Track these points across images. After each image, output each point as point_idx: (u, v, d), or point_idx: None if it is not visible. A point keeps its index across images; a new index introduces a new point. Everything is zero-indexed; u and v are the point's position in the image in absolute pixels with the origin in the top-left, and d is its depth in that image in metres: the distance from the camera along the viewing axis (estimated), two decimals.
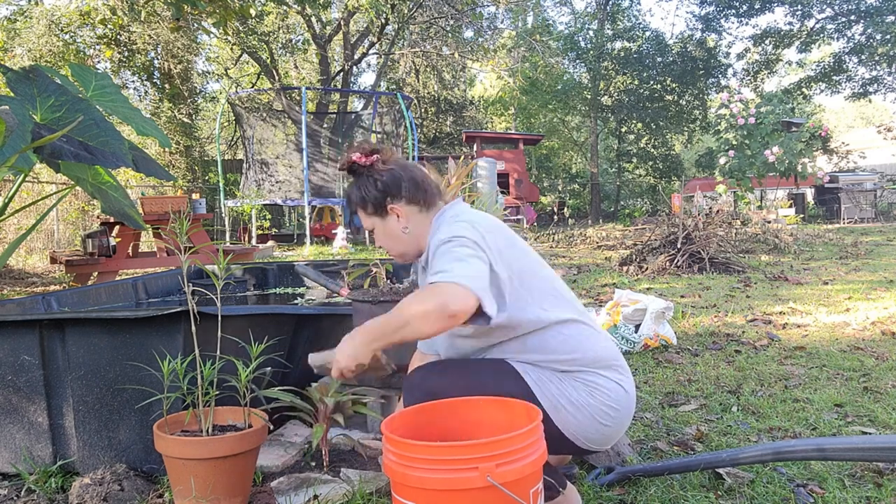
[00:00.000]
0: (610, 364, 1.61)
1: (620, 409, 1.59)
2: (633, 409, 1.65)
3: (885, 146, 22.97)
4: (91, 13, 13.34)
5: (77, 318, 1.93)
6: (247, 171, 13.88)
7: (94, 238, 6.12)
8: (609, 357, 1.62)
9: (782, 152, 11.60)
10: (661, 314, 3.57)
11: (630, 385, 1.63)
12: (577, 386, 1.57)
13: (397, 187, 1.67)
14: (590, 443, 1.61)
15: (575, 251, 10.02)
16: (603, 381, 1.58)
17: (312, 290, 3.79)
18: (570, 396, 1.56)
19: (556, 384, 1.57)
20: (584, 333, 1.61)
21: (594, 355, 1.60)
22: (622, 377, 1.62)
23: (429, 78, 24.72)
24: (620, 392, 1.59)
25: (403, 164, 1.71)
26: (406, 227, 1.69)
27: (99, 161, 2.33)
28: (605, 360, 1.61)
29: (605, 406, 1.57)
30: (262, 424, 1.77)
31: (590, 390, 1.57)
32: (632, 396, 1.62)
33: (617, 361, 1.63)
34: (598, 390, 1.57)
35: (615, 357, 1.64)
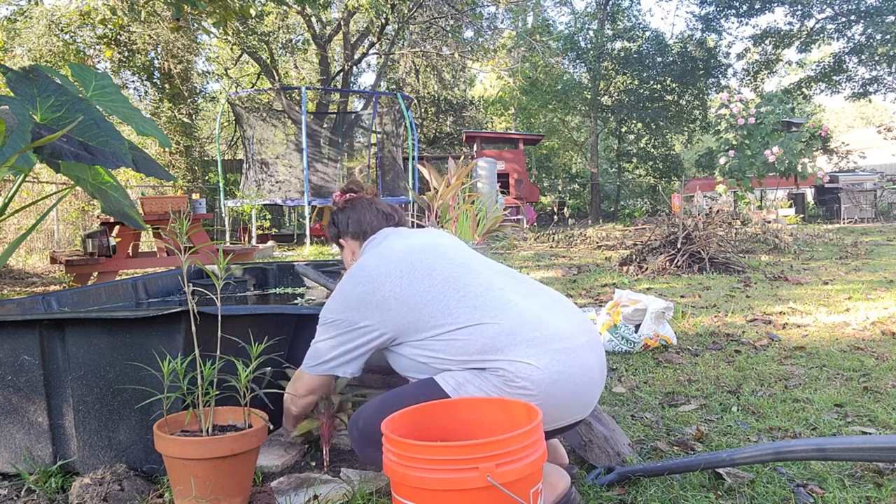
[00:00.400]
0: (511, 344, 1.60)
1: (538, 384, 1.57)
2: (568, 380, 1.61)
3: (885, 146, 22.97)
4: (91, 13, 13.34)
5: (77, 318, 1.93)
6: (247, 171, 13.88)
7: (94, 238, 6.12)
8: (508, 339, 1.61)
9: (782, 152, 11.60)
10: (661, 314, 3.57)
11: (544, 358, 1.59)
12: (493, 379, 1.60)
13: (344, 224, 2.02)
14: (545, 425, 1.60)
15: (575, 251, 10.03)
16: (509, 367, 1.59)
17: (312, 290, 3.79)
18: (488, 392, 1.60)
19: (474, 384, 1.62)
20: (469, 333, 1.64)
21: (489, 346, 1.61)
22: (532, 352, 1.59)
23: (429, 78, 24.72)
24: (529, 370, 1.57)
25: (360, 202, 2.03)
26: (353, 259, 2.01)
27: (99, 161, 2.33)
28: (503, 344, 1.60)
29: (519, 389, 1.57)
30: (262, 424, 1.78)
31: (503, 380, 1.59)
32: (549, 369, 1.58)
33: (520, 336, 1.61)
34: (509, 378, 1.59)
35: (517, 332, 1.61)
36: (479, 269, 1.80)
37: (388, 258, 1.80)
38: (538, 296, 1.78)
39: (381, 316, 1.72)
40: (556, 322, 1.68)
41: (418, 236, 1.91)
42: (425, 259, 1.78)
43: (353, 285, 1.77)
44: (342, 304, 1.77)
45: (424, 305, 1.70)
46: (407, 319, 1.70)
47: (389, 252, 1.83)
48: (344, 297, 1.78)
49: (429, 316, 1.69)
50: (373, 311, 1.73)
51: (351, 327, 1.75)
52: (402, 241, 1.88)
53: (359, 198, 2.06)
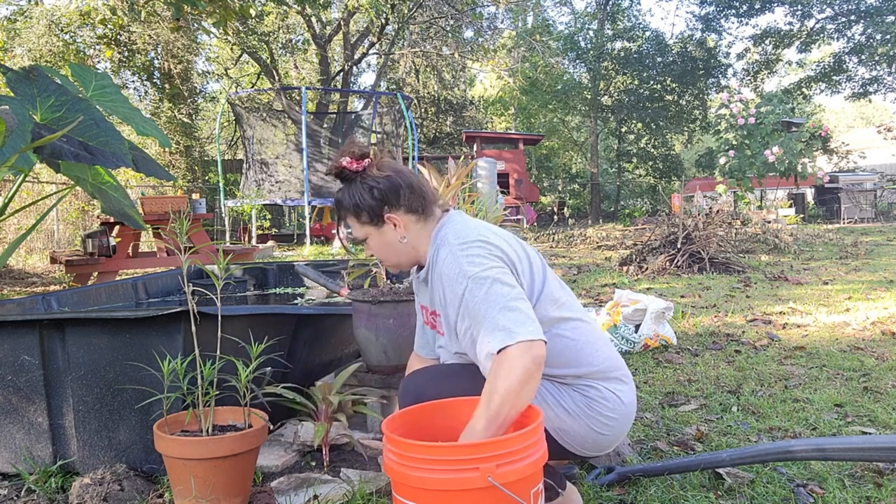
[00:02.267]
0: (609, 375, 1.60)
1: (618, 418, 1.59)
2: (633, 418, 1.65)
3: (885, 146, 22.97)
4: (91, 13, 13.33)
5: (77, 318, 1.93)
6: (247, 171, 13.88)
7: (94, 238, 6.12)
8: (608, 368, 1.61)
9: (782, 152, 11.59)
10: (661, 314, 3.57)
11: (629, 395, 1.62)
12: (574, 396, 1.57)
13: (395, 195, 1.57)
14: (585, 450, 1.61)
15: (575, 251, 10.02)
16: (600, 392, 1.57)
17: (312, 290, 3.78)
18: (565, 405, 1.56)
19: (552, 393, 1.57)
20: (585, 341, 1.58)
21: (593, 367, 1.58)
22: (621, 387, 1.61)
23: (429, 78, 24.72)
24: (617, 402, 1.58)
25: (399, 168, 1.62)
26: (404, 237, 1.60)
27: (99, 161, 2.33)
28: (604, 371, 1.60)
29: (602, 416, 1.57)
30: (262, 424, 1.77)
31: (587, 401, 1.56)
32: (630, 406, 1.62)
33: (617, 371, 1.62)
34: (595, 401, 1.56)
35: (616, 367, 1.62)
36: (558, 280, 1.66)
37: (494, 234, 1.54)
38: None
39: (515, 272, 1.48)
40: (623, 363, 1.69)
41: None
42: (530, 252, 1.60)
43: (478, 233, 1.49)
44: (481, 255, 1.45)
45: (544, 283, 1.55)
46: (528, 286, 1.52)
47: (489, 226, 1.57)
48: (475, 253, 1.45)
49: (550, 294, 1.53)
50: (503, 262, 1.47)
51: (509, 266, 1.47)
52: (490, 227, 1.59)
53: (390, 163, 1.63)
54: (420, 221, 1.60)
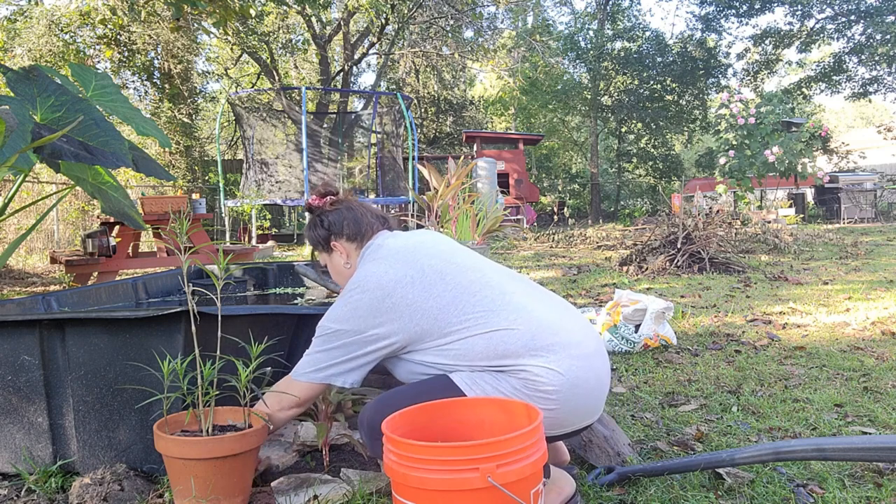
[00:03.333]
0: (532, 349, 1.60)
1: (559, 389, 1.58)
2: (584, 386, 1.62)
3: (885, 146, 22.98)
4: (91, 13, 13.33)
5: (77, 318, 1.93)
6: (247, 171, 13.88)
7: (94, 238, 6.12)
8: (528, 344, 1.61)
9: (782, 152, 11.59)
10: (661, 314, 3.57)
11: (564, 364, 1.60)
12: (511, 380, 1.60)
13: (338, 225, 1.88)
14: (547, 429, 1.61)
15: (575, 251, 10.02)
16: (530, 371, 1.59)
17: (312, 290, 3.78)
18: (505, 392, 1.59)
19: (490, 384, 1.61)
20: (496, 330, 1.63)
21: (510, 350, 1.61)
22: (551, 357, 1.60)
23: (429, 78, 24.72)
24: (553, 375, 1.58)
25: (349, 203, 1.91)
26: (347, 263, 1.89)
27: (99, 161, 2.33)
28: (524, 348, 1.61)
29: (541, 393, 1.58)
30: (262, 424, 1.77)
31: (522, 383, 1.59)
32: (570, 375, 1.59)
33: (540, 341, 1.61)
34: (529, 381, 1.59)
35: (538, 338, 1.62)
36: (489, 273, 1.76)
37: (396, 263, 1.73)
38: (546, 301, 1.77)
39: (392, 324, 1.66)
40: (570, 328, 1.69)
41: (418, 238, 1.85)
42: (435, 263, 1.73)
43: (361, 293, 1.69)
44: (349, 312, 1.68)
45: (440, 311, 1.66)
46: (421, 326, 1.66)
47: (396, 256, 1.75)
48: (351, 306, 1.69)
49: (444, 322, 1.65)
50: (384, 320, 1.66)
51: (357, 336, 1.67)
52: (404, 244, 1.80)
53: (347, 199, 1.94)
54: (358, 248, 1.89)
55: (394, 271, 1.70)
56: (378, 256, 1.78)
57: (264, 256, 9.30)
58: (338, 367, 1.69)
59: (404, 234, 1.91)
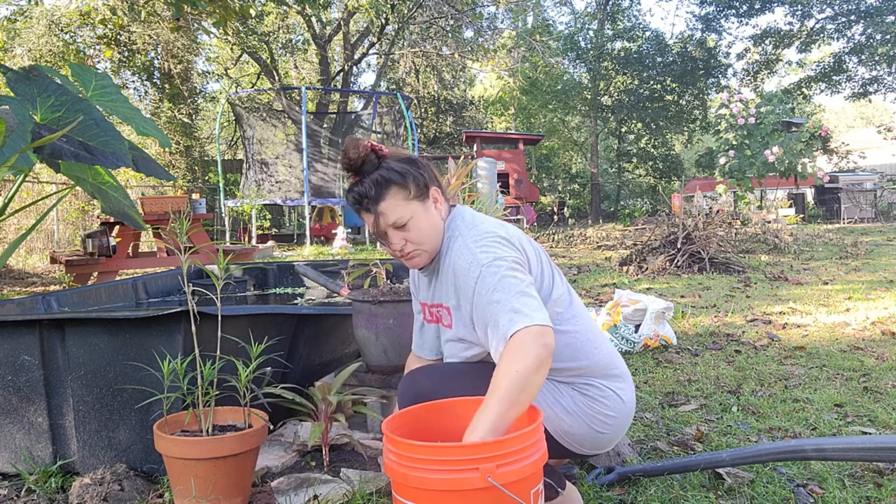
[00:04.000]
0: (608, 373, 1.61)
1: (617, 416, 1.59)
2: (632, 416, 1.65)
3: (885, 146, 22.98)
4: (91, 13, 13.33)
5: (77, 318, 1.93)
6: (247, 171, 13.88)
7: (94, 238, 6.12)
8: (607, 366, 1.61)
9: (782, 152, 11.59)
10: (661, 314, 3.57)
11: (628, 393, 1.62)
12: (573, 394, 1.57)
13: (430, 171, 1.56)
14: (584, 448, 1.61)
15: (575, 251, 10.02)
16: (599, 391, 1.58)
17: (312, 290, 3.79)
18: (564, 404, 1.57)
19: (551, 392, 1.57)
20: (586, 338, 1.59)
21: (592, 364, 1.59)
22: (620, 385, 1.61)
23: (429, 78, 24.72)
24: (616, 401, 1.59)
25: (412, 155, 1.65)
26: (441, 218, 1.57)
27: (99, 161, 2.33)
28: (603, 369, 1.60)
29: (601, 415, 1.57)
30: (262, 424, 1.77)
31: (587, 399, 1.57)
32: (629, 404, 1.62)
33: (616, 369, 1.62)
34: (594, 400, 1.57)
35: (614, 365, 1.63)
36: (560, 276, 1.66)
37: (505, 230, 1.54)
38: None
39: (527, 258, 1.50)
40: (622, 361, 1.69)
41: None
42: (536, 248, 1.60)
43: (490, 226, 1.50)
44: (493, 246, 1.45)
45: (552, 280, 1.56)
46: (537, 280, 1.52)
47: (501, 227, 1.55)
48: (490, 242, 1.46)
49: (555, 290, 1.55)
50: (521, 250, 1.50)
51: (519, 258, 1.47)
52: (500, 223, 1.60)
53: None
54: (445, 204, 1.58)
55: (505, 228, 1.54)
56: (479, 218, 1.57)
57: (264, 256, 9.30)
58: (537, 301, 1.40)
59: None
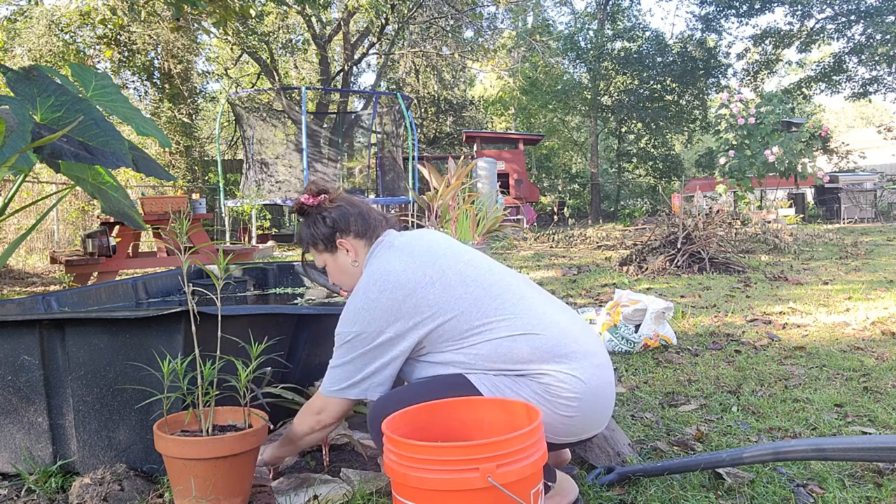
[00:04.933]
0: (556, 356, 1.60)
1: (580, 395, 1.58)
2: (603, 393, 1.63)
3: (885, 146, 22.98)
4: (91, 13, 13.33)
5: (77, 318, 1.93)
6: (247, 171, 13.89)
7: (94, 238, 6.12)
8: (552, 348, 1.60)
9: (782, 152, 11.59)
10: (661, 314, 3.57)
11: (586, 371, 1.60)
12: (531, 385, 1.58)
13: (345, 222, 1.79)
14: (562, 436, 1.61)
15: (575, 251, 10.02)
16: (554, 376, 1.58)
17: (312, 290, 3.79)
18: (525, 396, 1.58)
19: (509, 387, 1.59)
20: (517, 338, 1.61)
21: (535, 354, 1.59)
22: (573, 365, 1.60)
23: (429, 78, 24.73)
24: (573, 381, 1.58)
25: (350, 199, 1.84)
26: (355, 261, 1.81)
27: (99, 161, 2.33)
28: (549, 353, 1.60)
29: (561, 399, 1.57)
30: (262, 424, 1.77)
31: (544, 387, 1.58)
32: (590, 381, 1.60)
33: (564, 348, 1.61)
34: (551, 386, 1.58)
35: (561, 345, 1.61)
36: (506, 277, 1.73)
37: (414, 262, 1.66)
38: (560, 308, 1.75)
39: (412, 324, 1.61)
40: (586, 338, 1.68)
41: (431, 237, 1.80)
42: (453, 264, 1.68)
43: (380, 291, 1.62)
44: (367, 312, 1.61)
45: (461, 313, 1.62)
46: (443, 328, 1.62)
47: (412, 255, 1.69)
48: (369, 305, 1.62)
49: (466, 325, 1.61)
50: (404, 320, 1.61)
51: (379, 340, 1.62)
52: (420, 243, 1.74)
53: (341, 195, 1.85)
54: (367, 245, 1.81)
55: (412, 270, 1.64)
56: (393, 255, 1.71)
57: (264, 256, 9.30)
58: (369, 379, 1.64)
59: (412, 233, 1.85)
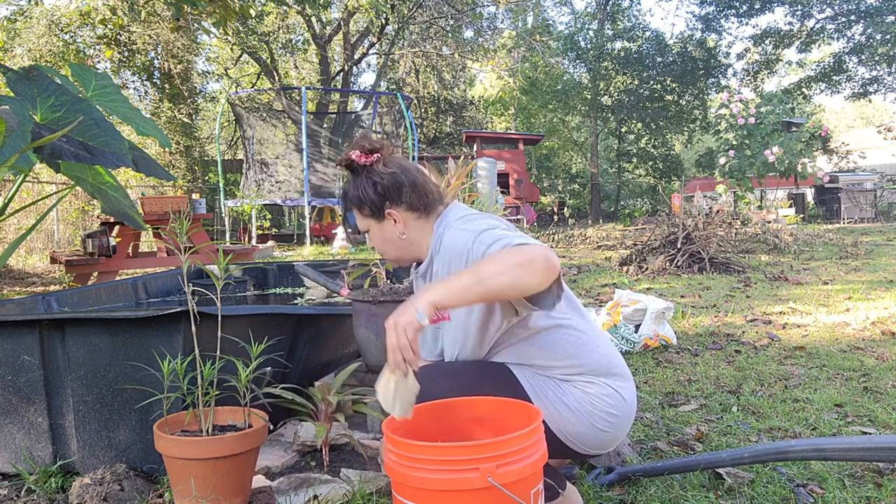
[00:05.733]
0: (609, 371, 1.61)
1: (619, 415, 1.59)
2: (633, 415, 1.65)
3: (885, 146, 22.98)
4: (91, 13, 13.33)
5: (77, 318, 1.93)
6: (247, 171, 13.89)
7: (94, 238, 6.12)
8: (608, 364, 1.61)
9: (782, 152, 11.59)
10: (661, 314, 3.57)
11: (629, 392, 1.62)
12: (576, 393, 1.57)
13: (398, 192, 1.60)
14: (587, 447, 1.61)
15: (575, 251, 10.02)
16: (601, 389, 1.58)
17: (312, 290, 3.79)
18: (567, 403, 1.57)
19: (553, 390, 1.57)
20: (587, 336, 1.60)
21: (592, 362, 1.59)
22: (622, 384, 1.61)
23: (429, 78, 24.72)
24: (619, 399, 1.59)
25: (405, 166, 1.64)
26: (403, 234, 1.64)
27: (99, 161, 2.33)
28: (604, 367, 1.60)
29: (603, 413, 1.57)
30: (262, 424, 1.77)
31: (588, 397, 1.57)
32: (630, 404, 1.62)
33: (617, 369, 1.63)
34: (597, 397, 1.57)
35: (615, 364, 1.63)
36: None
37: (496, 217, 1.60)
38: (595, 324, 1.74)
39: None
40: (622, 360, 1.69)
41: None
42: None
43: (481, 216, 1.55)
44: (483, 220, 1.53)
45: None
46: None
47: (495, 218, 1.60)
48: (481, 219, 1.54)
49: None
50: None
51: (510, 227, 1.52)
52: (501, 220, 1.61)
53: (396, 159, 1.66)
54: (421, 219, 1.64)
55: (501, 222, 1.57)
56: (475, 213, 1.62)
57: (264, 256, 9.30)
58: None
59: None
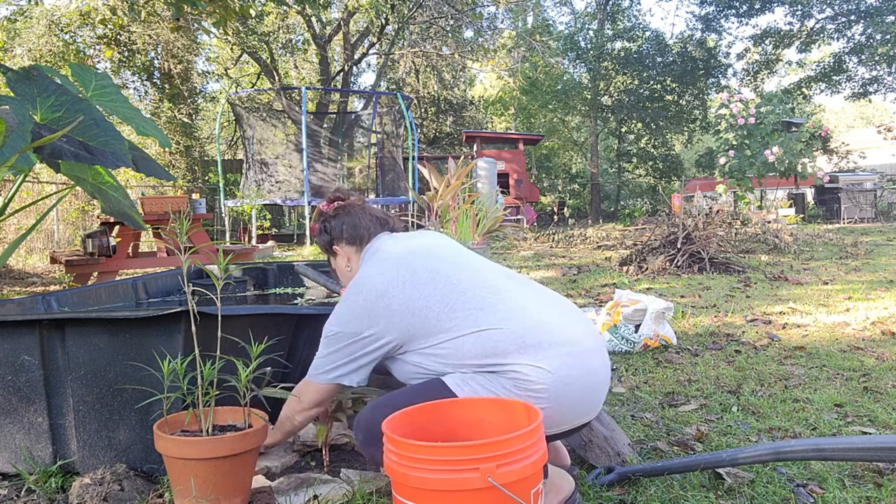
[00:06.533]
0: (522, 347, 1.61)
1: (548, 386, 1.58)
2: (577, 384, 1.62)
3: (885, 146, 22.98)
4: (91, 13, 13.33)
5: (77, 318, 1.93)
6: (247, 171, 13.88)
7: (94, 238, 6.12)
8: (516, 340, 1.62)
9: (782, 152, 11.59)
10: (661, 314, 3.57)
11: (555, 362, 1.60)
12: (503, 381, 1.61)
13: (339, 230, 1.98)
14: (549, 428, 1.61)
15: (575, 251, 10.02)
16: (519, 371, 1.60)
17: (312, 290, 3.78)
18: (497, 393, 1.61)
19: (483, 385, 1.62)
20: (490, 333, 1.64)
21: (499, 349, 1.62)
22: (542, 356, 1.60)
23: (429, 78, 24.72)
24: (539, 373, 1.59)
25: (350, 208, 2.00)
26: (348, 266, 2.00)
27: (99, 161, 2.33)
28: (512, 347, 1.61)
29: (531, 391, 1.58)
30: (262, 424, 1.78)
31: (513, 382, 1.60)
32: (557, 371, 1.59)
33: (530, 339, 1.62)
34: (519, 381, 1.59)
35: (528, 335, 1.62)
36: (482, 272, 1.79)
37: (390, 266, 1.79)
38: (542, 298, 1.78)
39: (386, 324, 1.71)
40: (564, 326, 1.69)
41: (417, 240, 1.91)
42: (427, 263, 1.77)
43: (357, 295, 1.75)
44: (347, 315, 1.75)
45: (430, 310, 1.69)
46: (413, 326, 1.69)
47: (389, 259, 1.82)
48: (349, 309, 1.76)
49: (435, 321, 1.68)
50: (378, 320, 1.71)
51: (356, 338, 1.73)
52: (401, 246, 1.86)
53: (349, 204, 2.03)
54: (358, 252, 1.98)
55: (388, 274, 1.76)
56: (375, 260, 1.85)
57: (264, 256, 9.30)
58: (343, 367, 1.76)
59: (404, 236, 1.96)
